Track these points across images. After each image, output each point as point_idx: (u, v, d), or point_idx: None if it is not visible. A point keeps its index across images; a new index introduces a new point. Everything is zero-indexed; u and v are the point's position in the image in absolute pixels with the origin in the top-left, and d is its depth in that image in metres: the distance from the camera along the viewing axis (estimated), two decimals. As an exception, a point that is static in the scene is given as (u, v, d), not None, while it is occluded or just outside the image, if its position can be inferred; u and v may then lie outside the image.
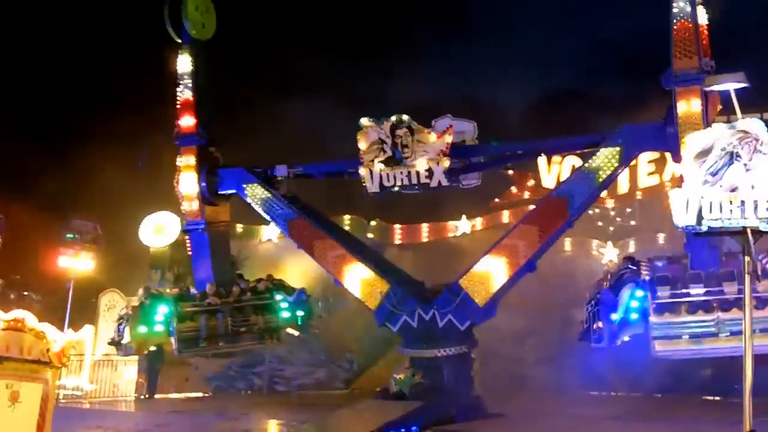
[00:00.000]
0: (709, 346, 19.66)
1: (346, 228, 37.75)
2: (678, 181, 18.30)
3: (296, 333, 26.00)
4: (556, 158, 38.41)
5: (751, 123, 11.57)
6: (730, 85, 13.07)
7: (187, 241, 26.44)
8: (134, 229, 32.87)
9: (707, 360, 31.40)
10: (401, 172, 23.04)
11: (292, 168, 25.62)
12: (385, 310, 23.26)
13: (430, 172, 22.78)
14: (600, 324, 20.47)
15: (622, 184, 38.16)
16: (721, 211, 11.48)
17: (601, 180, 21.93)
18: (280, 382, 34.58)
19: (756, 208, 11.33)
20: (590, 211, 39.65)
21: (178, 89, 26.14)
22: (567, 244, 38.44)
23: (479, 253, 23.47)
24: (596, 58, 38.53)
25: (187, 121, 26.02)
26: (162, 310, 24.63)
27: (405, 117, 22.98)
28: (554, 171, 38.93)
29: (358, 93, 40.14)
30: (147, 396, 29.77)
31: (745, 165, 11.43)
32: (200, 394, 31.85)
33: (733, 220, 11.43)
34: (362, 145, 23.42)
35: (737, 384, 12.81)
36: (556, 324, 32.37)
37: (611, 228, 39.65)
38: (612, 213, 39.93)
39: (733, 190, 11.47)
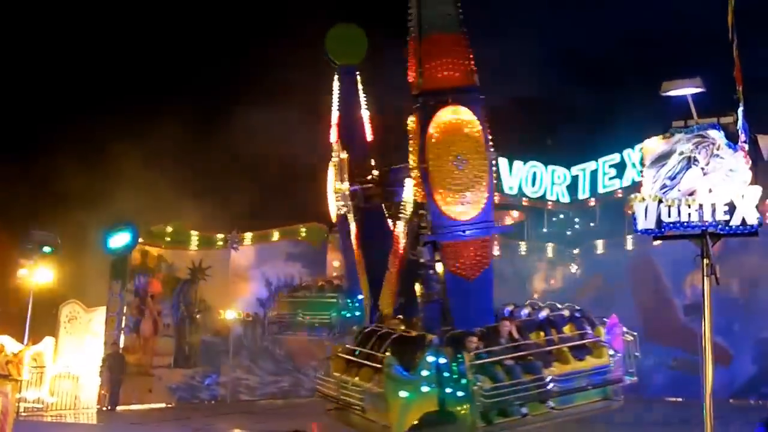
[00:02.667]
0: None
1: (303, 235, 37.50)
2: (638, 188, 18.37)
3: None
4: (517, 163, 38.56)
5: (708, 128, 11.73)
6: (687, 90, 13.19)
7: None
8: (94, 239, 32.54)
9: (669, 362, 31.92)
10: None
11: None
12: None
13: None
14: None
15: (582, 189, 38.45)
16: (679, 214, 11.63)
17: None
18: (244, 391, 34.40)
19: (714, 211, 11.48)
20: (553, 218, 40.06)
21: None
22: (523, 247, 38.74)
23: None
24: (557, 63, 38.74)
25: None
26: None
27: None
28: (516, 175, 39.06)
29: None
30: (109, 408, 29.44)
31: (702, 169, 11.60)
32: (163, 405, 31.57)
33: (691, 223, 11.57)
34: None
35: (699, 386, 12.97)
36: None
37: (568, 232, 39.92)
38: (571, 217, 40.23)
39: (691, 194, 11.62)
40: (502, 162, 38.40)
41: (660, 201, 11.79)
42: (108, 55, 41.02)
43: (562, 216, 40.14)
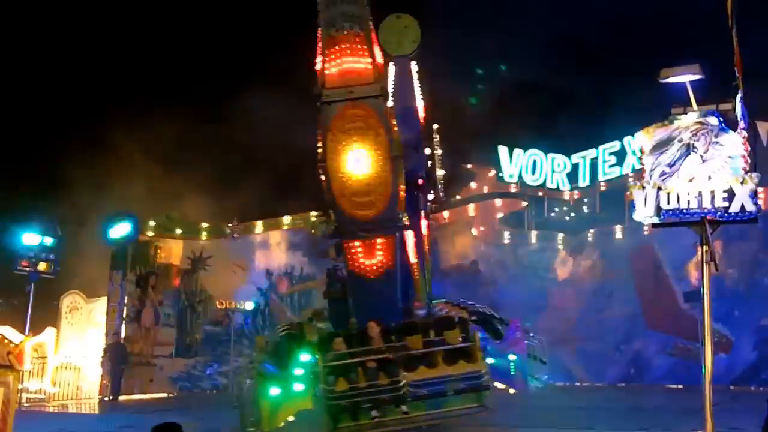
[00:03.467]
0: None
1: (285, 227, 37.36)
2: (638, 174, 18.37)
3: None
4: (517, 151, 38.53)
5: (707, 115, 11.72)
6: (686, 77, 13.18)
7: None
8: (94, 229, 32.56)
9: (670, 349, 31.99)
10: None
11: None
12: None
13: None
14: None
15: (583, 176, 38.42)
16: (678, 202, 11.64)
17: None
18: (246, 380, 34.53)
19: (713, 198, 11.49)
20: (555, 207, 39.98)
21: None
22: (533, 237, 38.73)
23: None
24: (557, 50, 38.64)
25: None
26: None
27: None
28: (516, 163, 39.02)
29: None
30: (111, 398, 29.53)
31: (701, 156, 11.59)
32: (165, 395, 31.64)
33: (690, 210, 11.58)
34: None
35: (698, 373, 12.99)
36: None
37: (566, 218, 39.82)
38: (573, 205, 40.20)
39: (690, 181, 11.62)
40: (502, 150, 38.40)
41: (659, 188, 11.80)
42: (112, 43, 40.93)
43: (563, 205, 40.07)
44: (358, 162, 18.90)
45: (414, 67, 27.51)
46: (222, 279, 34.67)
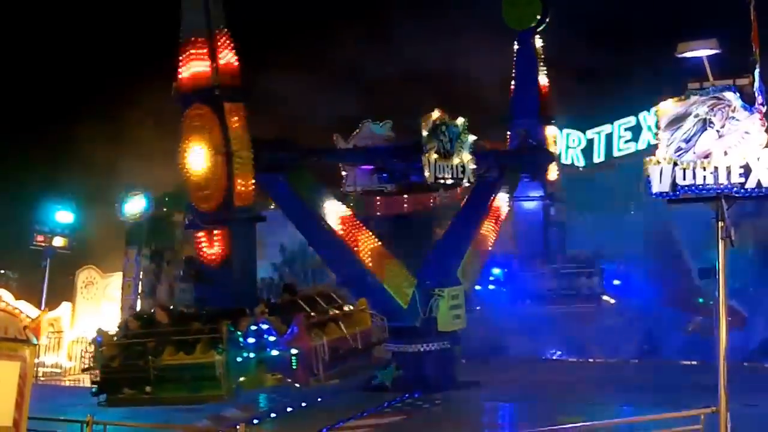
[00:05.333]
0: None
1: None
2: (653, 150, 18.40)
3: None
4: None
5: (724, 90, 11.63)
6: (703, 51, 13.03)
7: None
8: (111, 205, 32.67)
9: (684, 325, 31.95)
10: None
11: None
12: (412, 308, 23.58)
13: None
14: None
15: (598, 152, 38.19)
16: (694, 177, 11.56)
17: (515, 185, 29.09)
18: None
19: (729, 174, 11.42)
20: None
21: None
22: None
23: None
24: (572, 26, 38.32)
25: None
26: None
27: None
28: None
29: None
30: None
31: (717, 131, 11.51)
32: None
33: (706, 186, 11.51)
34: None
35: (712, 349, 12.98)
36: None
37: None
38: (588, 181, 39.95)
39: (706, 157, 11.55)
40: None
41: (675, 164, 11.72)
42: (127, 20, 40.84)
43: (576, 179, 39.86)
44: (196, 158, 21.06)
45: (538, 41, 29.29)
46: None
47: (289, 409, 21.10)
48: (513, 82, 32.49)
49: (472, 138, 25.03)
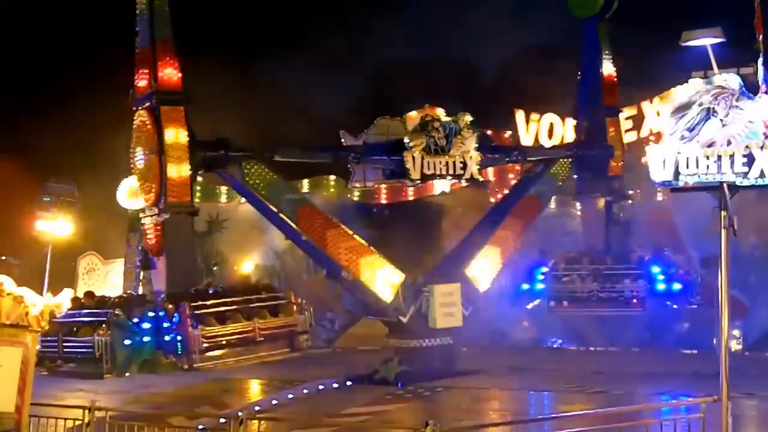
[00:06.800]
0: None
1: (332, 190, 37.71)
2: (656, 138, 18.42)
3: None
4: (534, 116, 38.29)
5: (728, 78, 11.59)
6: (707, 40, 13.00)
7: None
8: (112, 191, 32.63)
9: (684, 314, 31.91)
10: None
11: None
12: (397, 304, 23.51)
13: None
14: None
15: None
16: (697, 166, 11.54)
17: (560, 181, 28.50)
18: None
19: (732, 162, 11.39)
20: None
21: None
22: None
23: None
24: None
25: None
26: None
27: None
28: (532, 129, 38.79)
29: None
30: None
31: (721, 120, 11.46)
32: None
33: (709, 175, 11.49)
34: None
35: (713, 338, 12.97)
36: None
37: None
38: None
39: (709, 146, 11.52)
40: (519, 114, 38.20)
41: (678, 152, 11.69)
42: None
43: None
44: (138, 157, 25.34)
45: (604, 27, 30.58)
46: (238, 241, 34.77)
47: (290, 396, 21.24)
48: (579, 73, 31.79)
49: (477, 133, 24.61)
